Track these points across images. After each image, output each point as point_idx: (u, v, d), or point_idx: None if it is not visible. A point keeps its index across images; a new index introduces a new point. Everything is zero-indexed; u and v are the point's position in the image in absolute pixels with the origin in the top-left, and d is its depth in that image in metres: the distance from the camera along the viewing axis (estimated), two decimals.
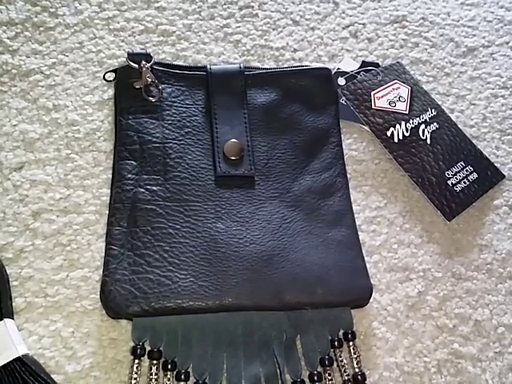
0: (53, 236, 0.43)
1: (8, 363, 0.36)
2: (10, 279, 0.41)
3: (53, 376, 0.38)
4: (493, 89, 0.57)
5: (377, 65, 0.56)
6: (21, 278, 0.41)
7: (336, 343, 0.41)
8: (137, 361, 0.39)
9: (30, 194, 0.44)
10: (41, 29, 0.51)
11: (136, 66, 0.47)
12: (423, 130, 0.52)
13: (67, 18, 0.52)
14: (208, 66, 0.50)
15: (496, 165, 0.52)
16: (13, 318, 0.39)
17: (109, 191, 0.45)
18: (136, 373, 0.39)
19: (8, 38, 0.50)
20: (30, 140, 0.47)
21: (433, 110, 0.53)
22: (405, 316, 0.45)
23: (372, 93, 0.53)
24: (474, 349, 0.44)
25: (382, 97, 0.53)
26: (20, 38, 0.51)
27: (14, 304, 0.40)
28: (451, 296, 0.46)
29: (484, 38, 0.60)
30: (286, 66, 0.54)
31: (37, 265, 0.42)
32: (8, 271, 0.41)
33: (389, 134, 0.51)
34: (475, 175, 0.51)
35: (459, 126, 0.53)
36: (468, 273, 0.47)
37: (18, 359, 0.36)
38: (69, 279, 0.42)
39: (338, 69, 0.55)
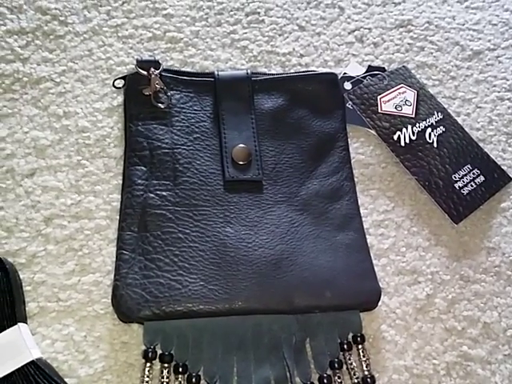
0: (65, 241, 0.44)
1: (22, 367, 0.37)
2: (23, 284, 0.42)
3: (66, 379, 0.39)
4: (499, 92, 0.57)
5: (383, 69, 0.56)
6: (33, 283, 0.42)
7: (345, 346, 0.41)
8: (148, 364, 0.39)
9: (41, 200, 0.45)
10: (51, 37, 0.52)
11: (145, 72, 0.48)
12: (430, 134, 0.52)
13: (76, 26, 0.53)
14: (215, 72, 0.50)
15: (503, 167, 0.52)
16: (26, 323, 0.40)
17: (119, 197, 0.46)
18: (147, 376, 0.39)
19: (19, 47, 0.51)
20: (42, 147, 0.47)
21: (439, 114, 0.54)
22: (413, 319, 0.45)
23: (378, 97, 0.54)
24: (483, 351, 0.44)
25: (389, 101, 0.54)
26: (31, 47, 0.51)
27: (27, 309, 0.41)
28: (459, 299, 0.46)
29: (489, 41, 0.60)
30: (292, 71, 0.54)
31: (49, 270, 0.43)
32: (21, 276, 0.42)
33: (395, 137, 0.52)
34: (482, 178, 0.51)
35: (465, 129, 0.54)
36: (476, 275, 0.47)
37: (31, 363, 0.37)
38: (81, 284, 0.42)
39: (345, 73, 0.55)
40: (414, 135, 0.52)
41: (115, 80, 0.50)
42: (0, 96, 0.49)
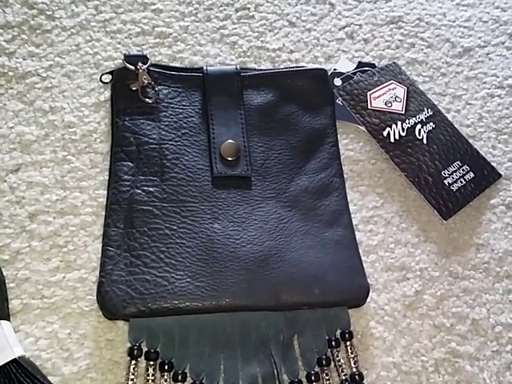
0: (49, 237, 0.43)
1: (4, 365, 0.36)
2: (7, 281, 0.41)
3: (49, 378, 0.38)
4: (489, 88, 0.57)
5: (373, 65, 0.56)
6: (17, 280, 0.41)
7: (333, 343, 0.41)
8: (133, 362, 0.39)
9: (26, 196, 0.44)
10: (37, 31, 0.52)
11: (132, 67, 0.48)
12: (419, 130, 0.52)
13: (64, 21, 0.53)
14: (204, 68, 0.50)
15: (492, 164, 0.52)
16: (9, 320, 0.39)
17: (105, 192, 0.45)
18: (133, 374, 0.38)
19: (5, 41, 0.51)
20: (27, 142, 0.47)
21: (429, 110, 0.53)
22: (402, 315, 0.45)
23: (368, 93, 0.53)
24: (472, 348, 0.44)
25: (379, 97, 0.53)
26: (17, 41, 0.51)
27: (10, 306, 0.40)
28: (448, 295, 0.46)
29: (480, 38, 0.60)
30: (282, 67, 0.54)
31: (33, 266, 0.42)
32: (4, 273, 0.41)
33: (385, 134, 0.51)
34: (472, 175, 0.51)
35: (455, 125, 0.53)
36: (465, 272, 0.47)
37: (14, 361, 0.36)
38: (65, 281, 0.42)
39: (335, 69, 0.55)
40: (403, 131, 0.52)
41: (102, 75, 0.50)
42: None
